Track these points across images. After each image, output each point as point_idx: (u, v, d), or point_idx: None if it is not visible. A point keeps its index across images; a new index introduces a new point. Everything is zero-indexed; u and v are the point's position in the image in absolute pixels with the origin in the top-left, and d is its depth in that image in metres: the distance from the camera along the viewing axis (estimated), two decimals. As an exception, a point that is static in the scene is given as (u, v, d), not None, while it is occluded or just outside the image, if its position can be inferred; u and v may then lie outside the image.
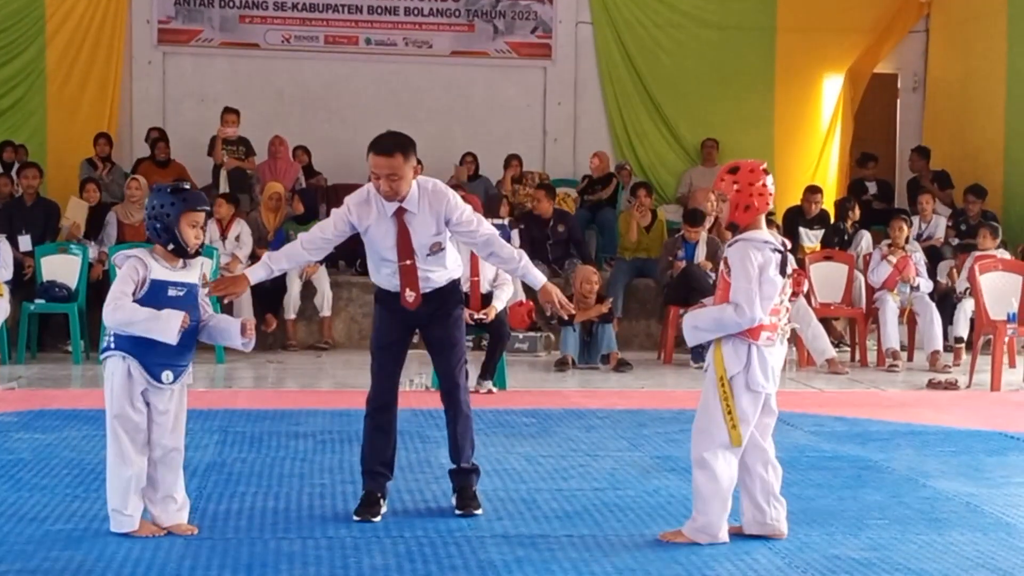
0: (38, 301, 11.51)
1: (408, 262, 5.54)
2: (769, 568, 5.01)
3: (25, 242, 11.80)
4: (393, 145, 5.47)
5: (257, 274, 5.66)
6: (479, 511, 5.77)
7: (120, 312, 5.16)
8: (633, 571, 4.92)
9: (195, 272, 5.36)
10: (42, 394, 9.39)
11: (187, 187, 5.48)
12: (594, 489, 6.36)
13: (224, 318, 5.60)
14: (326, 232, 5.73)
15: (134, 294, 5.19)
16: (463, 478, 5.84)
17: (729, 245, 5.36)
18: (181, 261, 5.31)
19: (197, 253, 5.33)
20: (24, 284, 11.58)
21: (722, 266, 5.36)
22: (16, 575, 4.76)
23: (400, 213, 5.51)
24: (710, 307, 5.40)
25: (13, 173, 13.11)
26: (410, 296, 5.59)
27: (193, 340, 5.37)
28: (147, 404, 5.28)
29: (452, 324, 5.78)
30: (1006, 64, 14.39)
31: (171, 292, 5.23)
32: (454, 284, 5.81)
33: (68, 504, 5.86)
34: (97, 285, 11.76)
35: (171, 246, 5.27)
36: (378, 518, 5.71)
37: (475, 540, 5.35)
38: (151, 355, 5.20)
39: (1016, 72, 14.23)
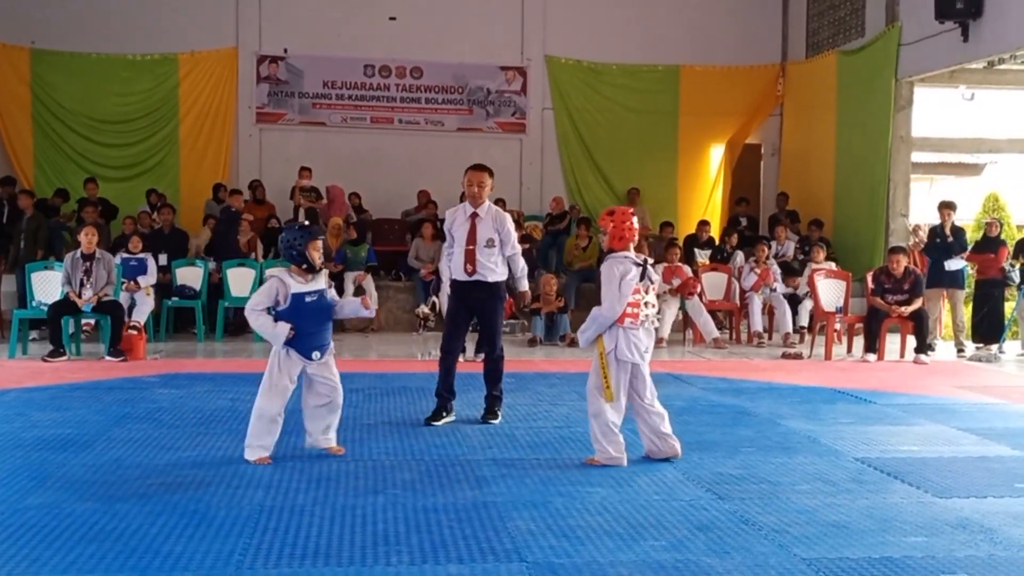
0: (174, 299, 11.45)
1: (471, 247, 6.17)
2: (673, 480, 5.03)
3: (162, 259, 11.70)
4: (484, 167, 6.33)
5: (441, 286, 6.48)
6: (496, 421, 6.32)
7: (254, 319, 5.21)
8: (580, 483, 4.93)
9: (322, 280, 5.31)
10: (176, 362, 9.34)
11: (309, 225, 5.55)
12: (554, 427, 6.36)
13: (349, 301, 5.58)
14: (449, 244, 6.35)
15: (277, 305, 5.18)
16: (494, 400, 6.44)
17: (605, 261, 5.34)
18: (310, 275, 5.27)
19: (320, 268, 5.31)
20: (163, 287, 11.50)
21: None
22: (159, 487, 4.74)
23: (473, 216, 6.21)
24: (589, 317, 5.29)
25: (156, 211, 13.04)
26: (468, 268, 6.19)
27: (329, 325, 5.34)
28: (302, 375, 5.27)
29: (495, 309, 6.31)
30: (835, 139, 14.42)
31: (307, 300, 5.23)
32: (498, 285, 6.30)
33: (193, 438, 5.86)
34: (214, 288, 11.71)
35: (304, 265, 5.25)
36: (440, 423, 6.22)
37: (473, 462, 5.35)
38: (303, 344, 5.20)
39: (841, 144, 14.26)
